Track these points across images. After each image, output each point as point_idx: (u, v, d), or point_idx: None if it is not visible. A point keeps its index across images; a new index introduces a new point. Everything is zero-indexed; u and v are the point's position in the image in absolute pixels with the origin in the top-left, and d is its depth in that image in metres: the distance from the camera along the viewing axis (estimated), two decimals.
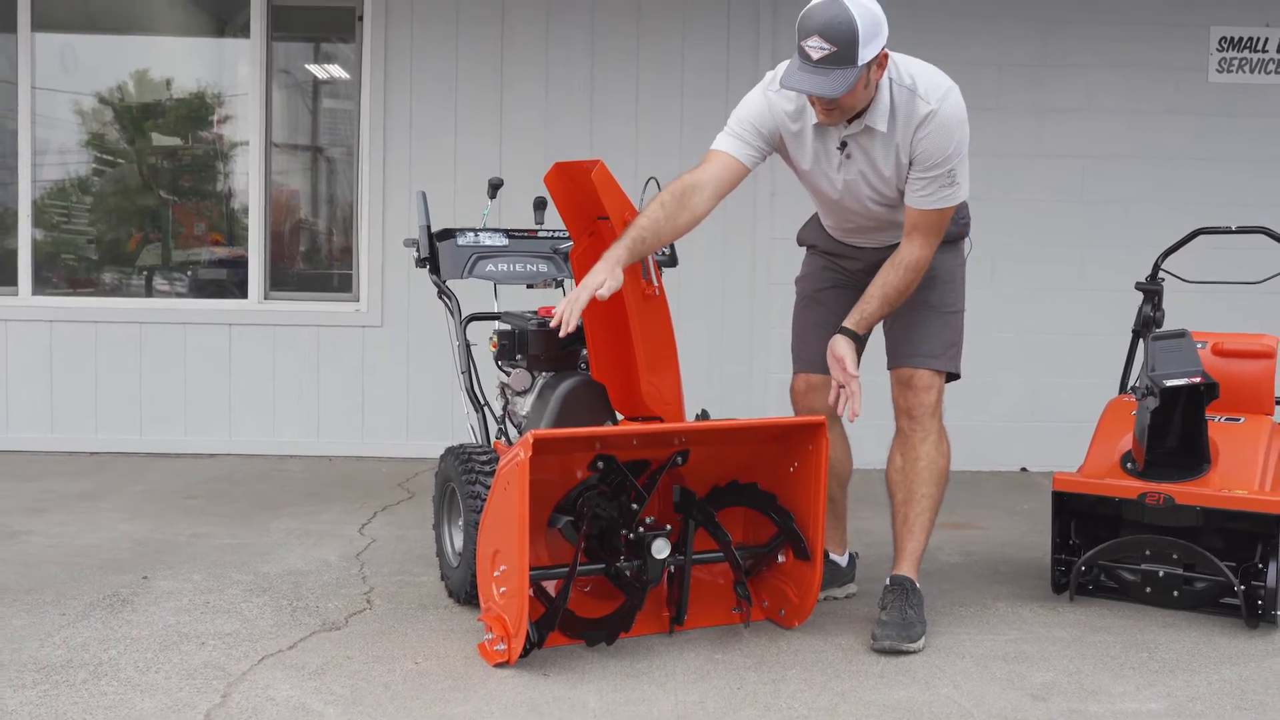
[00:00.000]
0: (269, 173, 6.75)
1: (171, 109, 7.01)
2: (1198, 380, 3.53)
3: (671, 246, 3.96)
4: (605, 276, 3.28)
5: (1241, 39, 6.66)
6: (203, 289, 6.92)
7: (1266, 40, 6.66)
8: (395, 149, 6.61)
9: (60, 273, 6.88)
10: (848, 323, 3.50)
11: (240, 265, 6.77)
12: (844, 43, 3.13)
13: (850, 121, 3.41)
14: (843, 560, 4.02)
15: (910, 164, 3.42)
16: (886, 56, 3.31)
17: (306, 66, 7.13)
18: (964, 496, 5.91)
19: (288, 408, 6.68)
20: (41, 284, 6.75)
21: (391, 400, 6.67)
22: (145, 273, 6.99)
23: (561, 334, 3.28)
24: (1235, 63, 6.67)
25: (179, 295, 6.91)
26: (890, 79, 3.37)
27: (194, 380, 6.65)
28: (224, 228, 6.98)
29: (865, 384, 3.47)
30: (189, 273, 7.00)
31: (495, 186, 4.42)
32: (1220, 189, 6.60)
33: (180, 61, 7.01)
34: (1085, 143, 6.66)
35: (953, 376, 3.73)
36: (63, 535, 4.70)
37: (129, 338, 6.64)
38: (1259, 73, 6.68)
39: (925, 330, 3.65)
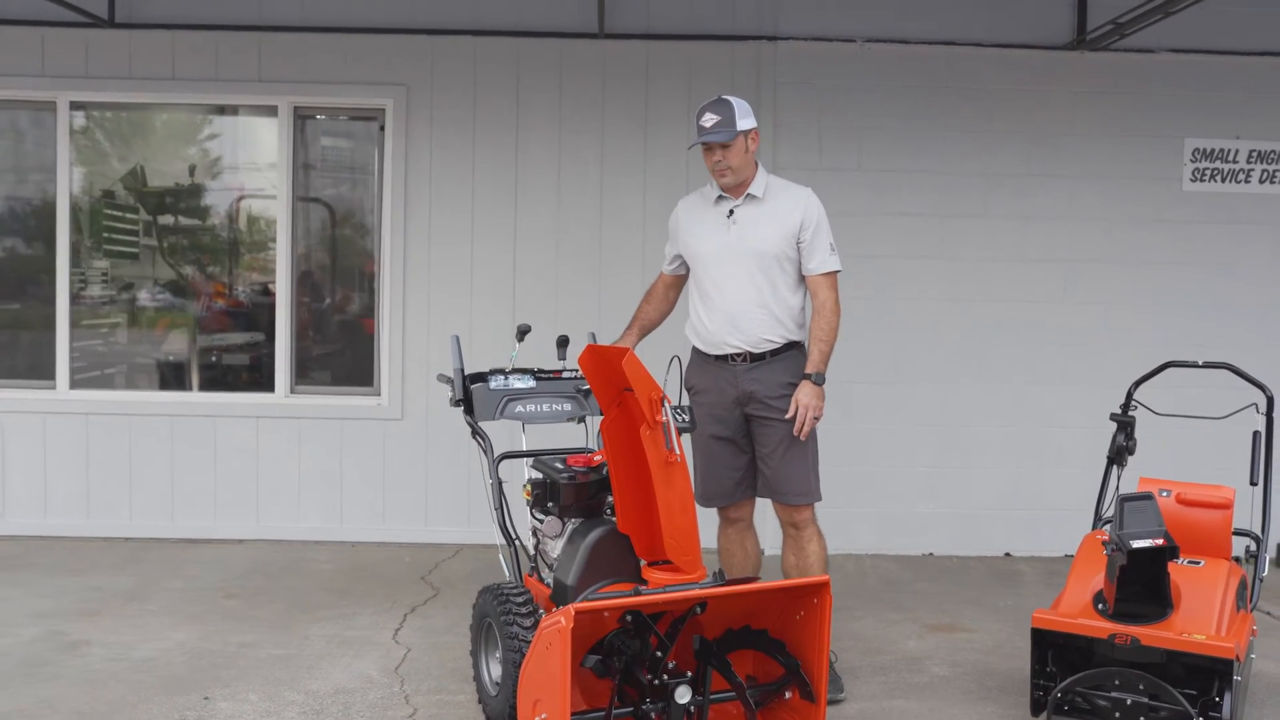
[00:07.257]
0: (295, 271, 7.13)
1: (193, 191, 7.34)
2: (1160, 542, 3.95)
3: (691, 413, 4.35)
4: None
5: (1214, 150, 7.08)
6: (230, 378, 7.29)
7: (1236, 151, 7.08)
8: (414, 255, 7.00)
9: (94, 367, 7.25)
10: (810, 369, 4.69)
11: (262, 349, 7.15)
12: (726, 115, 4.64)
13: (739, 197, 4.76)
14: None
15: (799, 238, 4.72)
16: (758, 134, 4.73)
17: (331, 173, 7.46)
18: (950, 589, 6.30)
19: (312, 496, 7.07)
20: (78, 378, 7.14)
21: (411, 489, 7.06)
22: (172, 357, 7.33)
23: None
24: (1208, 172, 7.10)
25: (206, 387, 7.27)
26: (766, 174, 4.82)
27: (223, 470, 7.04)
28: (248, 309, 7.31)
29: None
30: (214, 358, 7.34)
31: (523, 332, 4.82)
32: (1193, 291, 7.03)
33: (212, 144, 7.36)
34: (1067, 248, 7.08)
35: None
36: (119, 645, 5.07)
37: (161, 429, 7.03)
38: (1230, 182, 7.10)
39: (800, 473, 4.78)
